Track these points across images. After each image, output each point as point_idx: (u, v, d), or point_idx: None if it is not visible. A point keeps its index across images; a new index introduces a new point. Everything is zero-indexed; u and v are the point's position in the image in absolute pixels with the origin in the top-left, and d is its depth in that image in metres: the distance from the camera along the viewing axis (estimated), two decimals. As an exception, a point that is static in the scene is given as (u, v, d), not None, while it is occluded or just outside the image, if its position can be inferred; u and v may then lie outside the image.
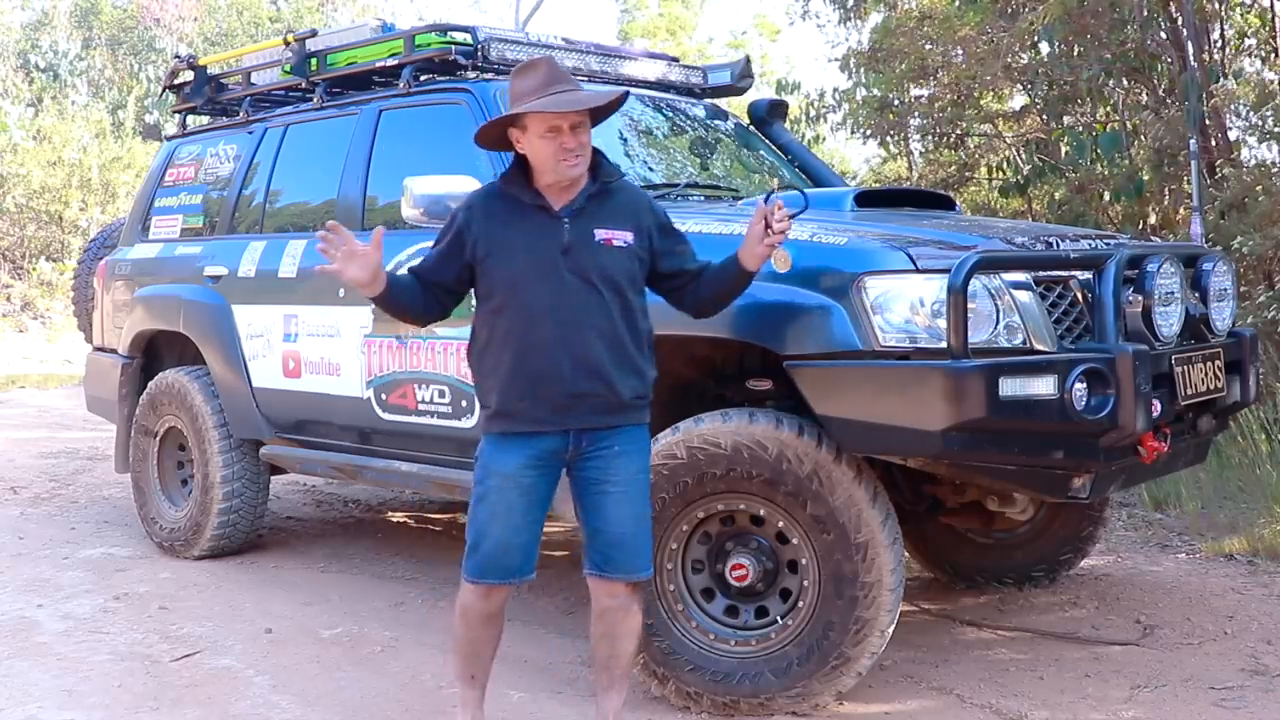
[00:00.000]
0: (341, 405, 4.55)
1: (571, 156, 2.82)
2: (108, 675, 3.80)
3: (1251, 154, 8.11)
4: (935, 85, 9.59)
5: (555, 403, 2.82)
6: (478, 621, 2.97)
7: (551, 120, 2.80)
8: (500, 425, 2.89)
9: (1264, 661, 3.70)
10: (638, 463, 2.92)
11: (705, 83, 5.20)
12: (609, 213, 2.89)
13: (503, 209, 2.91)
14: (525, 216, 2.88)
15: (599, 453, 2.87)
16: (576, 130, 2.82)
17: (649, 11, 26.58)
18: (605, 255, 2.85)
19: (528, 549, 2.91)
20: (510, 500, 2.87)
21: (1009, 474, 3.23)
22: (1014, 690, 3.51)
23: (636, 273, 2.90)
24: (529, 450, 2.86)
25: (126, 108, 21.06)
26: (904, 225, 3.53)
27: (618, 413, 2.86)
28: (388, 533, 5.90)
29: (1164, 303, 3.32)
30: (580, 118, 2.83)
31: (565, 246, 2.83)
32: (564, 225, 2.85)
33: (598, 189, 2.90)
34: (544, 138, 2.82)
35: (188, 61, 5.73)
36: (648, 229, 2.93)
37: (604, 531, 2.90)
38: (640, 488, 2.92)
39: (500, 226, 2.88)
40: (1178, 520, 5.47)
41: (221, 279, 5.10)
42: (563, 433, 2.85)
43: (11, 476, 7.25)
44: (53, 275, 17.82)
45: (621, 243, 2.87)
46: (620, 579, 2.92)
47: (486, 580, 2.90)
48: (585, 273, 2.82)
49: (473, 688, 3.06)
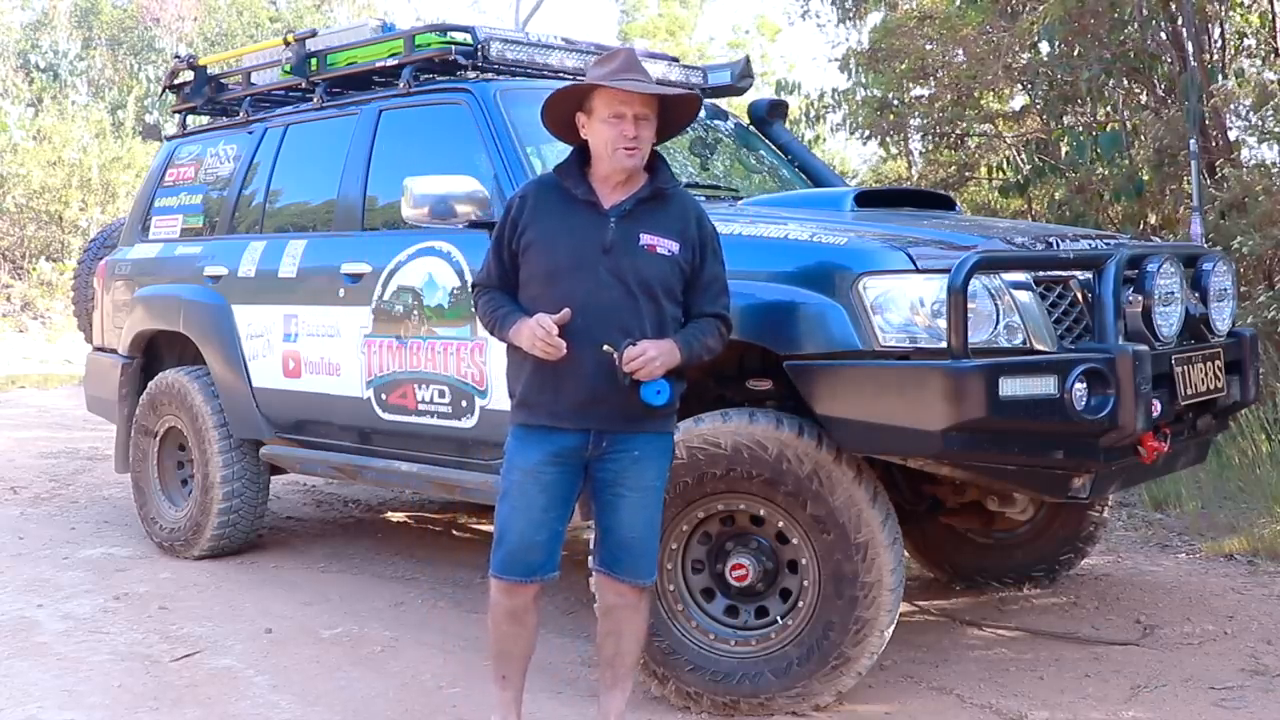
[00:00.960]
0: (341, 405, 4.55)
1: (630, 144, 2.80)
2: (108, 675, 3.80)
3: (1251, 154, 8.12)
4: (935, 85, 9.59)
5: (575, 400, 2.81)
6: (504, 618, 2.95)
7: (618, 105, 2.79)
8: (522, 416, 2.90)
9: (1264, 661, 3.70)
10: (656, 469, 2.90)
11: (705, 83, 5.19)
12: (658, 219, 2.86)
13: (554, 200, 2.90)
14: (573, 210, 2.87)
15: (618, 455, 2.85)
16: (640, 122, 2.81)
17: (649, 11, 26.58)
18: (646, 260, 2.82)
19: (550, 546, 2.89)
20: (531, 496, 2.86)
21: (1009, 474, 3.23)
22: (1014, 690, 3.51)
23: (675, 283, 2.85)
24: (549, 446, 2.85)
25: (126, 108, 21.07)
26: (904, 225, 3.53)
27: (638, 418, 2.83)
28: (388, 533, 5.90)
29: (1164, 303, 3.32)
30: (645, 110, 2.81)
31: (607, 245, 2.81)
32: (610, 224, 2.83)
33: (650, 193, 2.88)
34: (607, 122, 2.81)
35: (188, 61, 5.73)
36: (694, 242, 2.88)
37: (614, 532, 2.91)
38: (655, 495, 2.91)
39: (547, 216, 2.88)
40: (1178, 520, 5.47)
41: (221, 279, 5.10)
42: (583, 431, 2.83)
43: (11, 476, 7.25)
44: (53, 275, 17.82)
45: (665, 251, 2.84)
46: (625, 581, 2.93)
47: (509, 577, 2.89)
48: (623, 275, 2.80)
49: (505, 689, 3.02)
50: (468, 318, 3.99)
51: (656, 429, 2.89)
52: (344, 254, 4.53)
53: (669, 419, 2.93)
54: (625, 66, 2.83)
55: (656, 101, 2.85)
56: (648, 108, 2.82)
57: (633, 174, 2.87)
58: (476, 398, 3.99)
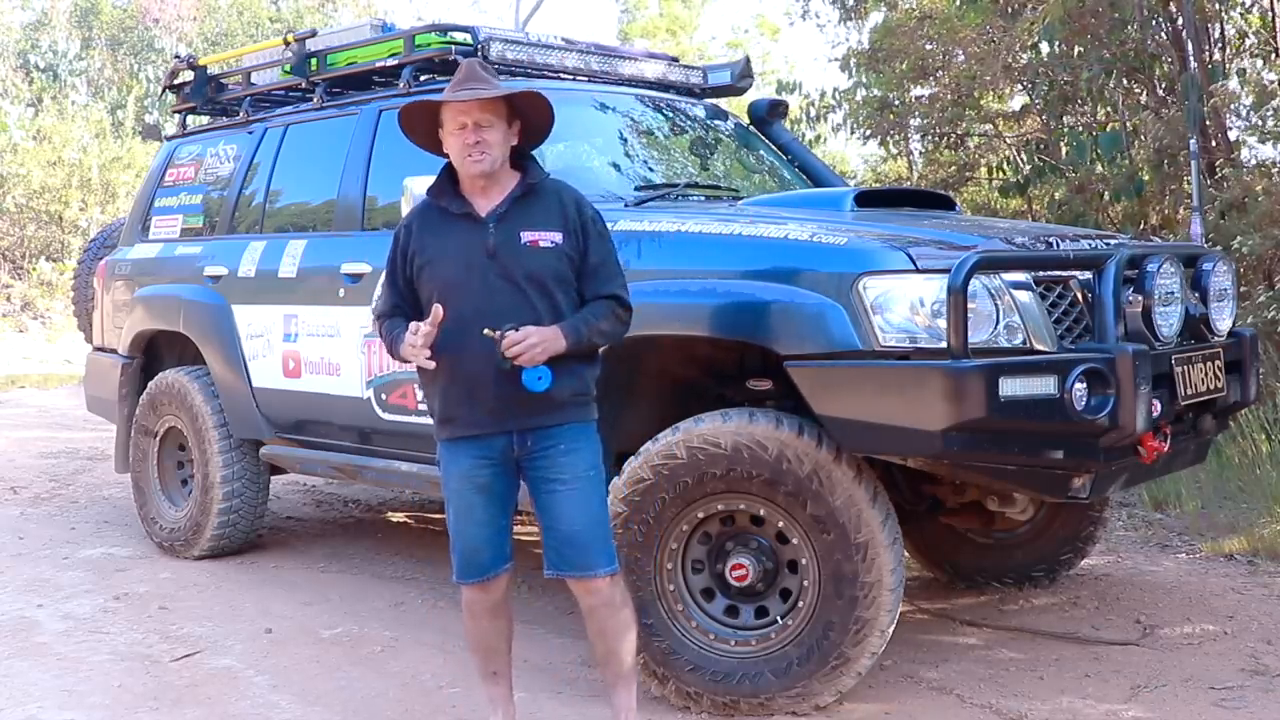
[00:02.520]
0: (341, 405, 4.55)
1: (476, 151, 2.84)
2: (108, 675, 3.80)
3: (1251, 154, 8.12)
4: (935, 85, 9.60)
5: (488, 406, 2.85)
6: (481, 614, 3.03)
7: (459, 116, 2.85)
8: (446, 431, 2.95)
9: (1264, 661, 3.70)
10: (586, 460, 2.92)
11: (705, 83, 5.20)
12: (536, 214, 2.91)
13: (434, 220, 2.96)
14: (453, 225, 2.92)
15: (545, 451, 2.89)
16: (481, 128, 2.85)
17: (649, 11, 26.57)
18: (532, 257, 2.86)
19: (495, 544, 2.96)
20: (469, 500, 2.93)
21: (1009, 474, 3.23)
22: (1014, 690, 3.51)
23: (566, 272, 2.89)
24: (476, 450, 2.90)
25: (126, 108, 21.06)
26: (904, 225, 3.53)
27: (555, 411, 2.87)
28: (388, 533, 5.90)
29: (1164, 303, 3.32)
30: (486, 115, 2.85)
31: (491, 250, 2.86)
32: (489, 229, 2.87)
33: (523, 190, 2.92)
34: (453, 134, 2.88)
35: (188, 61, 5.72)
36: (575, 229, 2.92)
37: (555, 529, 2.92)
38: (590, 484, 2.93)
39: (431, 237, 2.93)
40: (1178, 520, 5.47)
41: (221, 279, 5.10)
42: (505, 433, 2.88)
43: (11, 476, 7.25)
44: (53, 275, 17.81)
45: (549, 243, 2.88)
46: (580, 576, 2.93)
47: (469, 579, 2.98)
48: (512, 275, 2.84)
49: (496, 684, 3.09)
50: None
51: (577, 418, 2.92)
52: (344, 254, 4.53)
53: (587, 407, 2.95)
54: (462, 79, 2.89)
55: (501, 107, 2.88)
56: (489, 113, 2.86)
57: (496, 178, 2.91)
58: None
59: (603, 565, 2.94)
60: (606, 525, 2.99)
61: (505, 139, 2.91)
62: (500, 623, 3.05)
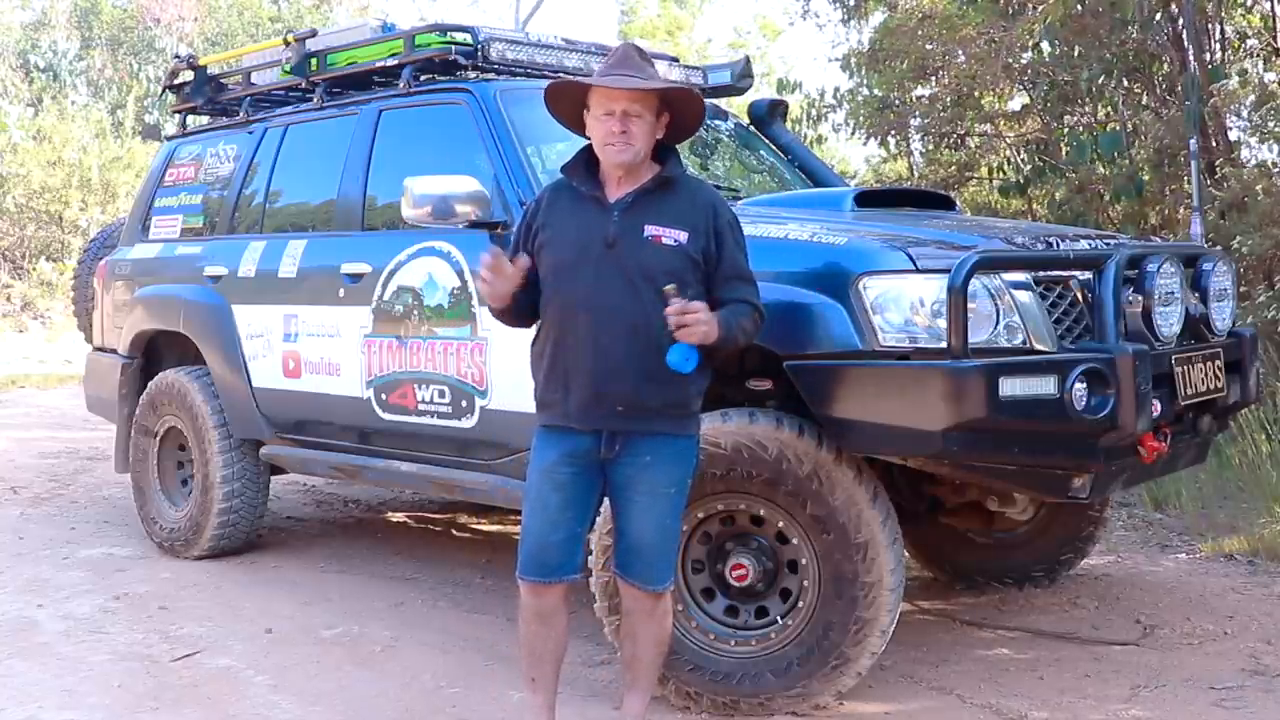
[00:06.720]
0: (341, 405, 4.55)
1: (620, 141, 2.78)
2: (108, 675, 3.80)
3: (1251, 154, 8.12)
4: (936, 85, 9.61)
5: (581, 398, 2.79)
6: (531, 618, 2.94)
7: (606, 103, 2.78)
8: (541, 417, 2.90)
9: (1264, 661, 3.70)
10: (668, 475, 2.85)
11: (705, 83, 5.19)
12: (664, 210, 2.82)
13: (565, 199, 2.90)
14: (580, 206, 2.86)
15: (631, 460, 2.83)
16: (630, 119, 2.77)
17: (648, 12, 26.57)
18: (651, 252, 2.78)
19: (566, 547, 2.86)
20: (545, 496, 2.85)
21: (1009, 474, 3.23)
22: (1014, 690, 3.51)
23: (687, 273, 2.77)
24: (563, 447, 2.84)
25: (126, 108, 21.08)
26: (904, 225, 3.53)
27: (644, 419, 2.80)
28: (388, 533, 5.90)
29: (1164, 303, 3.32)
30: (636, 106, 2.77)
31: (611, 240, 2.79)
32: (613, 217, 2.81)
33: (656, 184, 2.84)
34: (598, 119, 2.81)
35: (188, 61, 5.72)
36: (708, 231, 2.82)
37: (626, 536, 2.90)
38: (668, 501, 2.87)
39: (558, 215, 2.88)
40: (1178, 520, 5.47)
41: (221, 279, 5.10)
42: (594, 433, 2.82)
43: (11, 476, 7.25)
44: (53, 275, 17.82)
45: (672, 240, 2.78)
46: (635, 586, 2.92)
47: (528, 577, 2.88)
48: (626, 268, 2.76)
49: (535, 692, 2.99)
50: (467, 318, 4.00)
51: (669, 430, 2.84)
52: (344, 254, 4.53)
53: (685, 420, 2.88)
54: (616, 63, 2.83)
55: (653, 99, 2.82)
56: (639, 104, 2.78)
57: (633, 169, 2.84)
58: (476, 398, 3.99)
59: (661, 581, 2.92)
60: (674, 541, 2.96)
61: (651, 132, 2.82)
62: (549, 631, 2.94)
